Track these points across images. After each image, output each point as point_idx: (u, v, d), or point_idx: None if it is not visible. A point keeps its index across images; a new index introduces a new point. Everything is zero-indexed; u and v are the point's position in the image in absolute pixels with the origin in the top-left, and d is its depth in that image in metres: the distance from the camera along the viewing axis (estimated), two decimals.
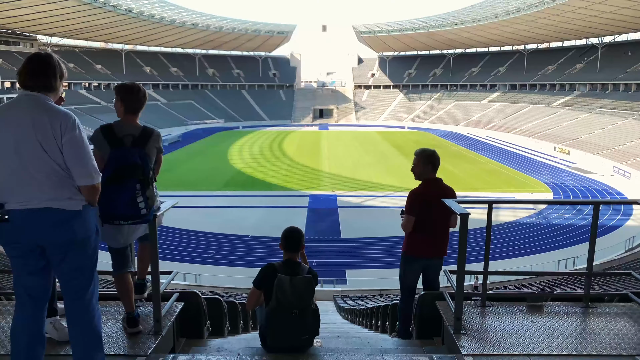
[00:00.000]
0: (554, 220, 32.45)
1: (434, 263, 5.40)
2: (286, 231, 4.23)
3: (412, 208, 5.12)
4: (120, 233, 3.71)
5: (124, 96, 3.77)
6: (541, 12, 75.01)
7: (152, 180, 3.71)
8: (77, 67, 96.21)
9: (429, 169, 5.16)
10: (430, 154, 5.17)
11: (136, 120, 3.80)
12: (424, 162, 5.16)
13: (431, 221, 5.10)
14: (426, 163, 5.16)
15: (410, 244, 5.29)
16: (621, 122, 64.75)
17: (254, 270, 18.65)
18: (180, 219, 32.83)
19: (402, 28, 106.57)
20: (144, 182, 3.55)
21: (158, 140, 3.79)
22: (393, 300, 6.97)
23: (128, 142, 3.60)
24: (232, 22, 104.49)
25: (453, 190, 5.19)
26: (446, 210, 4.45)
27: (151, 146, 3.71)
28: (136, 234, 3.86)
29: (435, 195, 4.86)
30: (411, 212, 5.11)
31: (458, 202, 4.23)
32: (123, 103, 3.77)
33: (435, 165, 5.17)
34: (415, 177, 5.30)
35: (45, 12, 72.56)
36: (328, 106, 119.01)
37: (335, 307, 14.81)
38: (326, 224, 32.19)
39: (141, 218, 3.54)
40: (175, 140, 76.26)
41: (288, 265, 4.04)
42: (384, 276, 22.81)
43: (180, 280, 21.57)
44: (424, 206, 5.05)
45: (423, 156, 5.17)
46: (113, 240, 3.75)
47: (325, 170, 51.22)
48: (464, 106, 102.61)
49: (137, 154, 3.54)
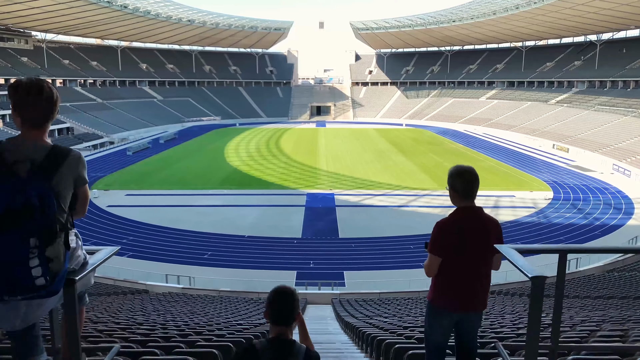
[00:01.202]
0: (555, 219, 32.02)
1: (469, 318, 3.89)
2: (272, 294, 2.85)
3: (437, 245, 3.75)
4: (14, 311, 2.43)
5: (18, 100, 2.54)
6: (539, 9, 74.57)
7: (65, 228, 2.50)
8: (72, 64, 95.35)
9: (463, 193, 3.77)
10: (463, 172, 3.78)
11: (42, 137, 2.63)
12: (455, 183, 3.78)
13: (465, 263, 3.73)
14: (458, 185, 3.77)
15: (437, 293, 3.89)
16: (620, 120, 64.42)
17: (249, 271, 18.14)
18: (174, 218, 32.35)
19: (399, 25, 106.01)
20: (45, 235, 2.31)
21: (77, 166, 2.62)
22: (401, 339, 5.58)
23: (23, 170, 2.40)
24: (228, 19, 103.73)
25: (497, 222, 3.83)
26: (486, 248, 3.57)
27: (64, 176, 2.53)
28: (43, 309, 2.54)
29: (471, 228, 3.69)
30: (436, 250, 3.75)
31: (520, 252, 2.92)
32: (17, 111, 2.56)
33: (472, 188, 3.75)
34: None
35: (40, 7, 71.73)
36: (325, 103, 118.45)
37: (334, 313, 14.31)
38: (324, 223, 31.69)
39: (36, 291, 2.31)
40: (171, 137, 75.65)
41: (276, 346, 2.72)
42: (382, 278, 22.38)
43: (174, 283, 21.07)
44: (455, 243, 3.70)
45: (453, 175, 3.81)
46: (3, 320, 2.46)
47: (323, 168, 50.71)
48: (462, 103, 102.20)
49: (34, 190, 2.31)
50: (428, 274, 3.90)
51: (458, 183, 3.75)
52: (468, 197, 3.76)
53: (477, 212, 3.77)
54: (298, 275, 23.05)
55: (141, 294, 18.40)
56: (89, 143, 65.09)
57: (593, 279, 19.73)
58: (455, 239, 3.70)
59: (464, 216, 3.76)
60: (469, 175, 3.74)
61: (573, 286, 18.25)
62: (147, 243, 27.75)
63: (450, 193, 3.86)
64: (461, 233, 3.71)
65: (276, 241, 28.19)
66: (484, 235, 3.67)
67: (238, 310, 12.50)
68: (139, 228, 30.47)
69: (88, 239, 28.20)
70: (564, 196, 38.14)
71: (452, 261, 3.74)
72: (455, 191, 3.79)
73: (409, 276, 22.51)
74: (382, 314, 11.28)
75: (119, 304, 13.01)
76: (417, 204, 36.44)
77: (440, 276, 3.82)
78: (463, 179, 3.74)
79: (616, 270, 21.32)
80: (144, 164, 53.45)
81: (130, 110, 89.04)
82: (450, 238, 3.71)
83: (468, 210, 3.77)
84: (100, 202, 36.30)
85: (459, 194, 3.77)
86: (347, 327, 8.60)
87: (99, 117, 79.71)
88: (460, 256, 3.72)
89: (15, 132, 57.56)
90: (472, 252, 3.70)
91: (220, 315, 10.44)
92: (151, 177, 46.11)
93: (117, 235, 28.99)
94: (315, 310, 16.65)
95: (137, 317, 8.65)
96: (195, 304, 14.64)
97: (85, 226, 30.56)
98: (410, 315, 10.63)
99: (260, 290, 20.24)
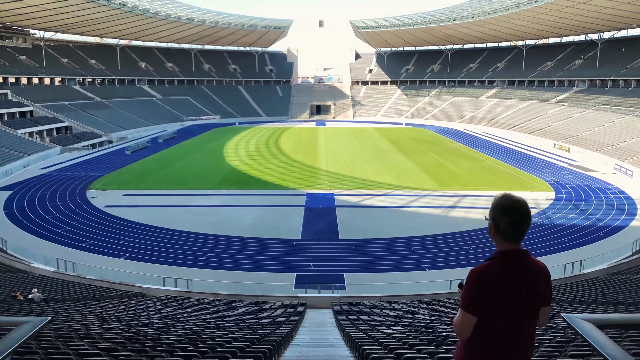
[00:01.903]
0: (557, 220, 31.66)
1: None
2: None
3: (473, 302, 2.88)
4: None
5: None
6: (540, 8, 74.13)
7: None
8: (71, 62, 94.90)
9: (508, 234, 2.88)
10: (511, 208, 2.87)
11: None
12: (499, 219, 2.88)
13: (507, 325, 2.93)
14: (503, 223, 2.87)
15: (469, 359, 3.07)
16: (621, 119, 64.05)
17: (248, 274, 17.71)
18: (172, 219, 31.98)
19: (399, 23, 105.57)
20: None
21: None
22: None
23: None
24: (228, 17, 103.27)
25: (547, 271, 3.01)
26: (534, 305, 2.89)
27: None
28: None
29: (517, 282, 2.87)
30: (471, 308, 2.89)
31: (599, 326, 2.40)
32: None
33: (520, 229, 2.87)
34: None
35: (38, 5, 71.24)
36: (325, 102, 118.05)
37: (334, 319, 13.94)
38: (324, 224, 31.32)
39: None
40: (170, 136, 75.26)
41: None
42: (383, 280, 22.02)
43: (172, 286, 20.71)
44: (497, 300, 2.87)
45: (498, 209, 2.90)
46: None
47: (323, 168, 50.34)
48: (462, 102, 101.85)
49: None
50: (459, 334, 3.04)
51: (504, 220, 2.86)
52: (514, 240, 2.90)
53: (524, 258, 2.94)
54: (297, 278, 22.69)
55: (137, 298, 18.05)
56: (87, 142, 64.67)
57: (598, 282, 19.37)
58: (496, 295, 2.86)
59: (507, 265, 2.90)
60: (519, 213, 2.85)
61: (578, 290, 17.91)
62: (145, 244, 27.38)
63: (491, 229, 2.96)
64: (504, 288, 2.85)
65: (275, 242, 27.83)
66: (532, 289, 2.89)
67: (235, 318, 12.13)
68: (136, 229, 30.10)
69: (84, 240, 27.86)
70: (566, 196, 37.78)
71: (490, 322, 2.92)
72: (498, 229, 2.90)
73: (410, 279, 22.18)
74: (383, 322, 10.92)
75: (113, 310, 12.65)
76: (418, 205, 36.07)
77: (475, 339, 2.97)
78: (511, 216, 2.85)
79: (621, 273, 20.97)
80: (143, 163, 53.07)
81: (129, 109, 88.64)
82: (490, 294, 2.88)
83: (513, 257, 2.92)
84: (98, 203, 35.94)
85: (503, 234, 2.89)
86: (348, 340, 8.25)
87: (98, 116, 79.30)
88: (501, 316, 2.91)
89: (9, 129, 57.11)
90: (517, 312, 2.90)
91: (217, 324, 10.08)
92: (149, 177, 45.74)
93: (114, 236, 28.61)
94: (315, 315, 16.29)
95: (129, 327, 8.30)
96: (192, 309, 14.28)
97: (81, 227, 30.21)
98: (413, 324, 10.27)
99: (259, 294, 19.89)
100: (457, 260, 24.81)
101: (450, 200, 37.20)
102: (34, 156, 52.89)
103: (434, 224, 30.98)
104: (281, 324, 10.31)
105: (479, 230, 29.57)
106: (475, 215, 32.75)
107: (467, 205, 35.81)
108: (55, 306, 13.20)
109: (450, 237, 28.56)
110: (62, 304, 13.96)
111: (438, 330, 8.24)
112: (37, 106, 70.21)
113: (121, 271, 22.46)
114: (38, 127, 64.09)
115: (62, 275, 21.83)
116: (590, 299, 15.30)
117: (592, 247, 26.53)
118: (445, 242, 27.81)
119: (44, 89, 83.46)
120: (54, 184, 42.14)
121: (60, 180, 43.94)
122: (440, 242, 27.84)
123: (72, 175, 46.25)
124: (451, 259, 25.06)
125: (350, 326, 10.00)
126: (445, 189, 40.69)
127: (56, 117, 70.40)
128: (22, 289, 17.00)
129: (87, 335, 6.42)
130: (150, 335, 6.89)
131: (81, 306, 13.59)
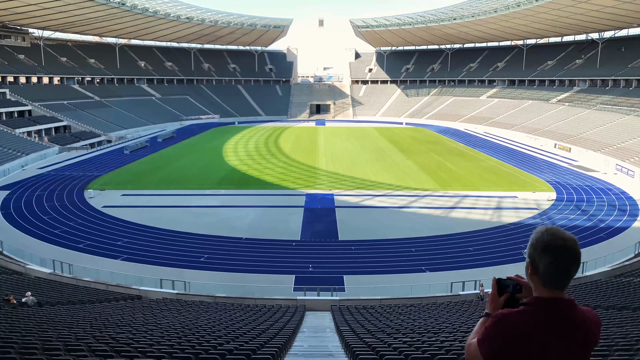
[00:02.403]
0: (559, 221, 31.39)
1: None
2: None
3: (491, 351, 2.16)
4: None
5: None
6: (541, 7, 73.82)
7: None
8: (70, 61, 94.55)
9: (550, 279, 2.17)
10: (557, 249, 2.13)
11: None
12: (538, 259, 2.17)
13: None
14: (544, 264, 2.16)
15: None
16: (622, 119, 63.77)
17: (247, 275, 17.40)
18: (171, 219, 31.70)
19: (400, 22, 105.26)
20: None
21: None
22: None
23: None
24: (227, 16, 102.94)
25: (598, 326, 2.24)
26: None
27: None
28: None
29: (558, 338, 2.12)
30: (488, 355, 2.17)
31: None
32: None
33: (567, 274, 2.16)
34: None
35: (37, 4, 70.91)
36: (325, 101, 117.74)
37: (334, 323, 13.67)
38: (323, 225, 31.05)
39: None
40: (169, 136, 74.94)
41: None
42: (383, 283, 21.75)
43: (169, 289, 20.44)
44: (521, 358, 2.13)
45: (537, 247, 2.18)
46: None
47: (322, 168, 50.04)
48: (462, 102, 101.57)
49: None
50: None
51: (545, 262, 2.14)
52: (556, 288, 2.17)
53: (568, 310, 2.16)
54: (296, 280, 22.42)
55: (134, 301, 17.78)
56: (86, 141, 64.38)
57: (601, 285, 19.10)
58: (521, 351, 2.11)
59: (543, 318, 2.13)
60: (565, 255, 2.13)
61: (581, 293, 17.65)
62: (142, 245, 27.11)
63: (528, 269, 2.23)
64: (534, 345, 2.10)
65: (274, 243, 27.55)
66: (577, 347, 2.14)
67: (233, 324, 11.85)
68: (134, 230, 29.82)
69: (81, 240, 27.58)
70: (567, 197, 37.51)
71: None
72: (537, 271, 2.18)
73: (410, 281, 21.92)
74: (384, 328, 10.64)
75: (107, 314, 12.37)
76: (419, 205, 35.80)
77: None
78: (555, 258, 2.12)
79: (624, 276, 20.71)
80: (141, 163, 52.78)
81: (129, 109, 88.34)
82: (514, 349, 2.12)
83: (552, 308, 2.14)
84: (96, 203, 35.65)
85: (543, 278, 2.17)
86: (348, 350, 7.98)
87: (97, 115, 78.98)
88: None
89: (7, 129, 56.80)
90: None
91: (213, 331, 9.80)
92: (148, 177, 45.45)
93: (111, 237, 28.33)
94: (314, 319, 16.01)
95: (121, 336, 8.02)
96: (189, 313, 14.01)
97: (79, 227, 29.93)
98: (414, 330, 10.00)
99: (258, 297, 19.63)
100: (458, 262, 24.55)
101: (450, 201, 36.92)
102: (32, 156, 52.59)
103: (435, 225, 30.70)
104: (279, 331, 10.04)
105: (480, 231, 29.32)
106: (476, 216, 32.47)
107: (468, 205, 35.51)
108: (48, 311, 12.92)
109: (451, 238, 28.28)
110: (56, 308, 13.69)
111: (440, 339, 7.97)
112: (35, 105, 69.90)
113: (118, 273, 22.18)
114: (36, 127, 63.80)
115: (58, 277, 21.55)
116: (594, 303, 15.03)
117: (594, 248, 26.24)
118: (446, 243, 27.53)
119: (43, 88, 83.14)
120: (52, 184, 41.86)
121: (58, 180, 43.65)
122: (441, 243, 27.56)
123: (70, 175, 45.96)
124: (452, 261, 24.78)
125: (350, 333, 9.73)
126: (446, 189, 40.42)
127: (55, 116, 70.09)
128: (16, 291, 16.73)
129: (76, 346, 6.14)
130: (142, 345, 6.62)
131: (75, 310, 13.31)
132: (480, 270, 23.23)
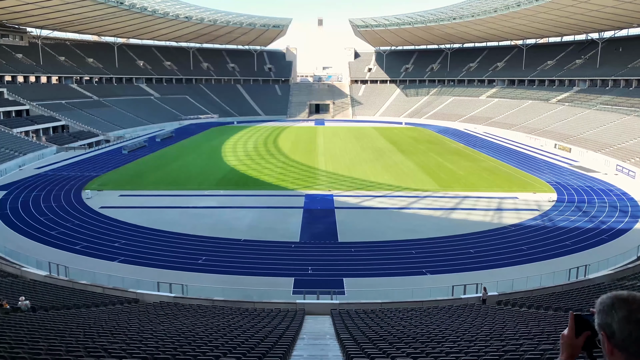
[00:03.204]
0: (560, 222, 31.13)
1: None
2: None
3: None
4: None
5: None
6: (541, 7, 73.56)
7: None
8: (69, 61, 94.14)
9: (629, 342, 1.59)
10: (623, 299, 1.65)
11: None
12: (610, 325, 1.63)
13: None
14: (618, 326, 1.61)
15: None
16: (622, 119, 63.55)
17: (245, 278, 17.06)
18: (169, 220, 31.40)
19: (399, 22, 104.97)
20: None
21: None
22: None
23: None
24: (226, 15, 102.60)
25: None
26: None
27: None
28: None
29: None
30: None
31: None
32: None
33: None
34: None
35: (35, 3, 70.51)
36: (324, 101, 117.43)
37: (334, 329, 13.39)
38: (322, 226, 30.76)
39: None
40: (167, 135, 74.59)
41: None
42: (383, 285, 21.48)
43: (166, 292, 20.15)
44: None
45: (605, 309, 1.67)
46: None
47: (322, 168, 49.75)
48: (462, 102, 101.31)
49: None
50: None
51: (621, 321, 1.61)
52: None
53: None
54: (296, 283, 22.13)
55: (130, 305, 17.50)
56: (84, 141, 64.02)
57: (604, 289, 18.85)
58: None
59: None
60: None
61: (584, 297, 17.40)
62: (140, 247, 26.81)
63: (604, 344, 1.66)
64: None
65: (273, 245, 27.25)
66: None
67: (231, 330, 11.58)
68: (131, 231, 29.51)
69: (78, 242, 27.27)
70: (568, 198, 37.25)
71: None
72: (614, 339, 1.63)
73: (411, 283, 21.66)
74: (386, 336, 10.38)
75: (102, 320, 12.08)
76: (419, 206, 35.53)
77: None
78: (631, 311, 1.61)
79: (627, 279, 20.45)
80: (140, 163, 52.45)
81: (127, 108, 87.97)
82: None
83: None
84: (93, 203, 35.34)
85: (625, 345, 1.60)
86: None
87: (95, 114, 78.62)
88: None
89: (4, 128, 56.41)
90: None
91: (210, 340, 9.53)
92: (146, 177, 45.14)
93: (108, 238, 28.02)
94: (313, 324, 15.74)
95: (114, 346, 7.75)
96: (186, 318, 13.73)
97: (76, 229, 29.62)
98: (417, 339, 9.73)
99: (256, 300, 19.35)
100: (459, 265, 24.27)
101: (451, 202, 36.64)
102: (30, 155, 52.25)
103: (435, 226, 30.42)
104: (278, 339, 9.78)
105: (480, 232, 29.06)
106: (477, 217, 32.18)
107: (468, 206, 35.21)
108: (41, 316, 12.63)
109: (452, 240, 28.01)
110: (50, 314, 13.39)
111: (445, 350, 7.71)
112: (33, 105, 69.54)
113: (115, 275, 21.88)
114: (34, 126, 63.44)
115: (53, 279, 21.25)
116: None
117: (596, 250, 26.02)
118: (446, 245, 27.25)
119: (41, 87, 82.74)
120: (49, 184, 41.53)
121: (55, 180, 43.33)
122: (442, 245, 27.28)
123: (68, 175, 45.63)
124: (453, 263, 24.51)
125: (351, 341, 9.47)
126: (446, 190, 40.15)
127: (53, 116, 69.72)
128: (10, 295, 16.43)
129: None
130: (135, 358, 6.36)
131: (70, 316, 13.02)
132: (481, 273, 22.95)
